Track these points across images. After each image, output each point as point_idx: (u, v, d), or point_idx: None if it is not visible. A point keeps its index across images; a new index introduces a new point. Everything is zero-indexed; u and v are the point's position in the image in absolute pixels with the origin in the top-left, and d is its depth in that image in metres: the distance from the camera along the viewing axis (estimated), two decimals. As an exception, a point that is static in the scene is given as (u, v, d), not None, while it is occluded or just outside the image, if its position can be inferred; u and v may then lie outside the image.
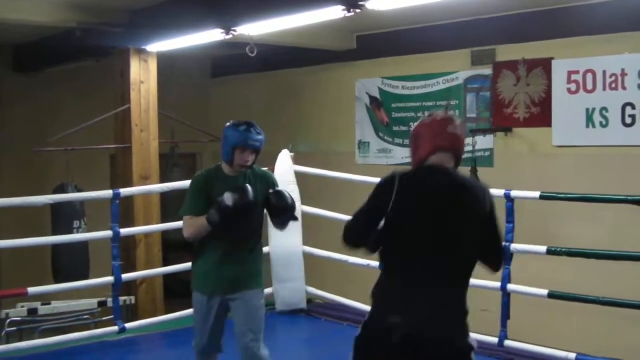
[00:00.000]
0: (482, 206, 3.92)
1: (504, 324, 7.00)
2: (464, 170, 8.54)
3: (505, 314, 7.00)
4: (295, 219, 5.60)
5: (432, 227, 3.83)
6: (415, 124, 4.14)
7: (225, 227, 5.18)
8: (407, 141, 9.99)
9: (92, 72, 10.99)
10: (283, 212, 5.44)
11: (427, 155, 3.97)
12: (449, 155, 4.00)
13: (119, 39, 8.98)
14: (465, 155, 8.95)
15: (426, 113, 9.74)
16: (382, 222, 3.90)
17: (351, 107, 10.88)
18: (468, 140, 9.14)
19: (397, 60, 10.23)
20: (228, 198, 5.07)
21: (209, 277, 5.37)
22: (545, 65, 8.59)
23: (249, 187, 5.17)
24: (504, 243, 6.97)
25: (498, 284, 6.94)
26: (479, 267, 3.90)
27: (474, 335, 3.79)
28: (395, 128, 10.35)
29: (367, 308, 8.07)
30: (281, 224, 5.55)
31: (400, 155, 10.14)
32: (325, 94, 11.31)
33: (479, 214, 3.91)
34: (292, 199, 5.47)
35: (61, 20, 8.60)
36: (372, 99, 10.61)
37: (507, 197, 7.00)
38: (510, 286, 6.96)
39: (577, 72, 8.26)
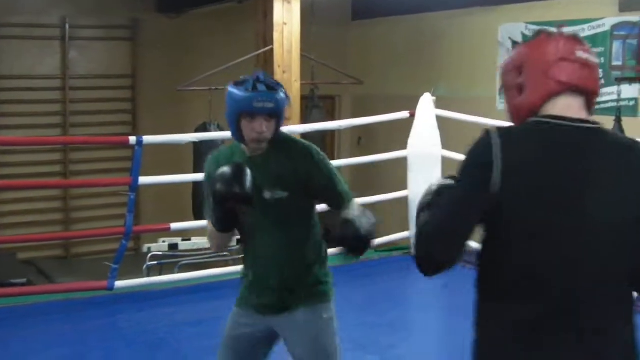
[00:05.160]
0: None
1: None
2: (608, 121, 8.42)
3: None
4: (368, 247, 3.38)
5: (575, 224, 2.25)
6: (515, 47, 2.58)
7: (241, 229, 3.64)
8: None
9: (234, 14, 11.13)
10: (351, 243, 3.34)
11: (543, 100, 2.35)
12: (580, 102, 2.35)
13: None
14: (609, 105, 8.88)
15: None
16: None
17: (493, 53, 10.71)
18: (613, 89, 8.94)
19: (541, 5, 9.98)
20: (213, 191, 3.41)
21: (247, 291, 3.72)
22: (697, 12, 8.30)
23: (238, 166, 3.41)
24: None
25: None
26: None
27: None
28: (537, 75, 10.11)
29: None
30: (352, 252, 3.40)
31: (542, 103, 9.96)
32: (467, 38, 11.17)
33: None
34: (371, 223, 3.34)
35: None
36: (515, 44, 10.41)
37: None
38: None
39: None
